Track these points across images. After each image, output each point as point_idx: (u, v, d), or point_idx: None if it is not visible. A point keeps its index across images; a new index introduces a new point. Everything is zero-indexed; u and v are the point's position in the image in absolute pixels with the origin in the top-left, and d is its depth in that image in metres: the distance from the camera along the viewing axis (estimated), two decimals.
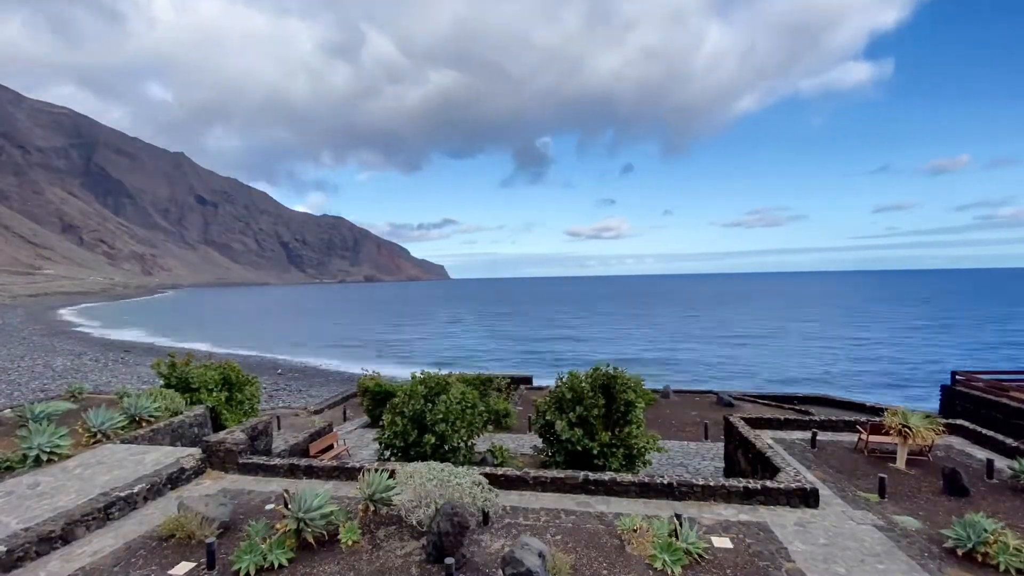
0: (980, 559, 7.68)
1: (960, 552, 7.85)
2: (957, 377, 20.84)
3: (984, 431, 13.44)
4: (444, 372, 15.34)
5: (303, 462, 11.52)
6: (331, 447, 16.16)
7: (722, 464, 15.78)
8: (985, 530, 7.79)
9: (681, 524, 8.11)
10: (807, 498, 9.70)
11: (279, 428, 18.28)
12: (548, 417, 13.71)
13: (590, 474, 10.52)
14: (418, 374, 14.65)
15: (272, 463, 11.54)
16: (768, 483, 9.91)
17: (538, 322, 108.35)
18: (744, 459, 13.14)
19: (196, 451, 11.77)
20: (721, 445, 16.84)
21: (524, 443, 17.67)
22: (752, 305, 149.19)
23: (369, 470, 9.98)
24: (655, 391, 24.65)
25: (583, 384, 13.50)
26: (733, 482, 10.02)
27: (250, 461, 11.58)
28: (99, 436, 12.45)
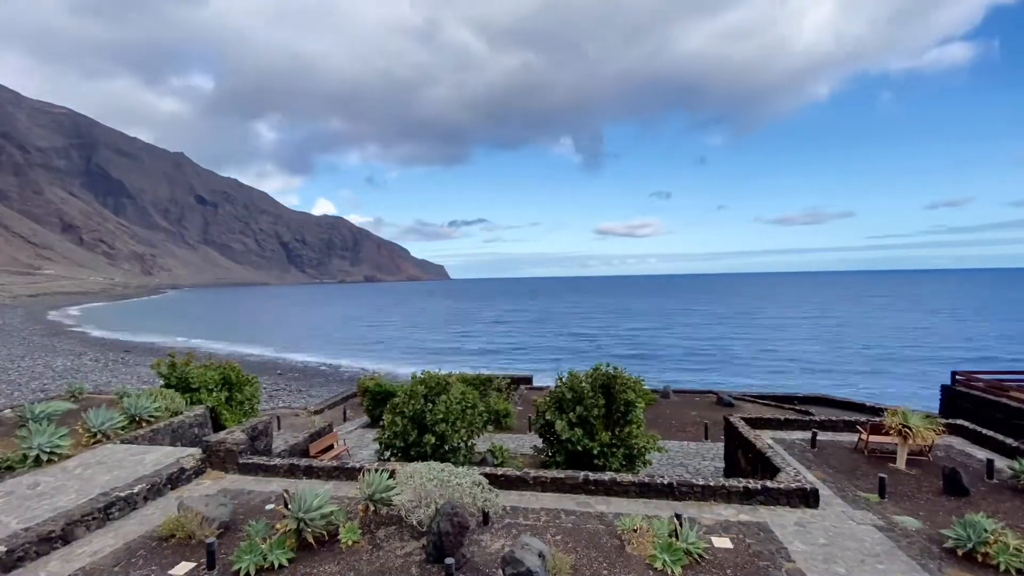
0: (980, 559, 7.67)
1: (960, 552, 7.85)
2: (957, 377, 20.82)
3: (984, 431, 13.43)
4: (444, 372, 15.34)
5: (303, 462, 11.52)
6: (331, 447, 16.16)
7: (722, 464, 15.78)
8: (985, 530, 7.79)
9: (681, 524, 8.11)
10: (807, 498, 9.69)
11: (279, 428, 18.28)
12: (548, 417, 13.70)
13: (590, 474, 10.52)
14: (418, 374, 14.65)
15: (272, 463, 11.54)
16: (768, 483, 9.91)
17: None
18: (744, 459, 13.13)
19: (196, 451, 11.76)
20: (721, 445, 16.84)
21: (524, 443, 17.67)
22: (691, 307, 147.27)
23: (369, 470, 9.97)
24: (655, 391, 24.66)
25: (583, 384, 13.50)
26: (733, 482, 10.02)
27: (250, 461, 11.58)
28: (99, 436, 12.44)
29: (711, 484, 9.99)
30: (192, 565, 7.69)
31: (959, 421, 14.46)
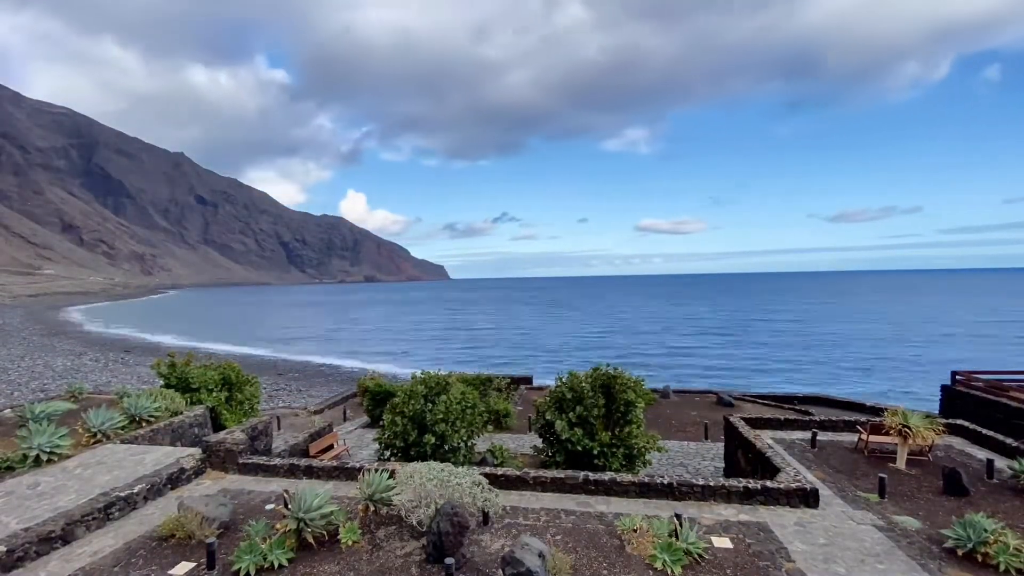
0: (980, 559, 7.67)
1: (960, 552, 7.85)
2: (957, 377, 20.82)
3: (984, 431, 13.44)
4: (444, 372, 15.34)
5: (303, 462, 11.52)
6: (331, 447, 16.16)
7: (722, 464, 15.78)
8: (985, 530, 7.79)
9: (681, 524, 8.11)
10: (807, 498, 9.70)
11: (279, 428, 18.28)
12: (548, 417, 13.70)
13: (590, 474, 10.52)
14: (418, 374, 14.64)
15: (272, 463, 11.54)
16: (768, 483, 9.91)
17: None
18: (744, 459, 13.13)
19: (196, 451, 11.77)
20: (721, 445, 16.84)
21: (524, 443, 17.67)
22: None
23: (369, 470, 9.98)
24: (655, 391, 24.65)
25: (583, 384, 13.49)
26: (733, 482, 10.02)
27: (250, 461, 11.58)
28: (99, 436, 12.44)
29: (711, 484, 9.99)
30: (192, 565, 7.69)
31: (959, 421, 14.46)
